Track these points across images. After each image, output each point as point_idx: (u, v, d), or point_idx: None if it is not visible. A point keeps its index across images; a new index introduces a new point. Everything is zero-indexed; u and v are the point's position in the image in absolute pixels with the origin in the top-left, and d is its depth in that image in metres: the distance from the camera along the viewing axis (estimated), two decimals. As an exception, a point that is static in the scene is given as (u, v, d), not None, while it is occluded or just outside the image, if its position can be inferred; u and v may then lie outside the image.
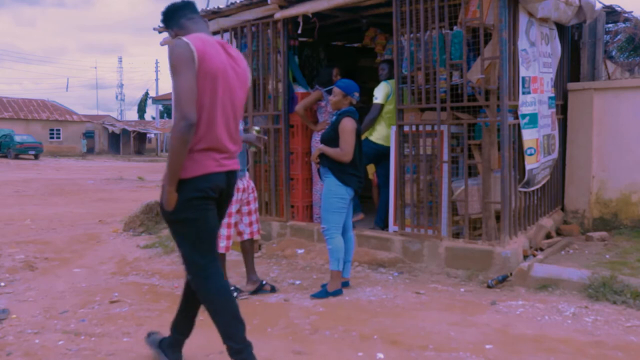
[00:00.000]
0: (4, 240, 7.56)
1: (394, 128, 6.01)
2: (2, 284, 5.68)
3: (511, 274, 5.02)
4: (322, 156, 4.87)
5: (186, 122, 2.76)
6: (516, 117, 5.47)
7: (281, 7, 6.43)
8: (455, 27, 5.46)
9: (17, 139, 38.02)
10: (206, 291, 3.04)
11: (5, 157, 36.42)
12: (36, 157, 38.28)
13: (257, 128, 5.14)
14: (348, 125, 4.75)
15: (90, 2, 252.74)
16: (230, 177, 3.06)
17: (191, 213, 2.92)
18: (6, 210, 9.15)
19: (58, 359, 3.59)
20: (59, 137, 46.85)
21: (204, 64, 2.83)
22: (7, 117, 42.90)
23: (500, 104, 5.21)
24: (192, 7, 3.11)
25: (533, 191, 6.04)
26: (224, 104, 2.96)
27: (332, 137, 4.81)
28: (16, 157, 36.90)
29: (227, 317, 3.04)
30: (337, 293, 4.83)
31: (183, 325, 3.35)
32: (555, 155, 6.61)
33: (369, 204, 7.18)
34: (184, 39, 2.84)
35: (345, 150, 4.74)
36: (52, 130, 46.91)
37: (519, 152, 5.59)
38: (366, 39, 7.72)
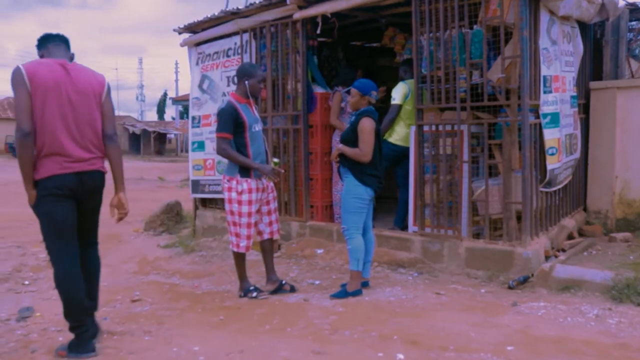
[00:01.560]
0: (28, 239, 7.66)
1: (413, 128, 5.98)
2: (27, 282, 5.77)
3: (532, 275, 4.97)
4: (342, 156, 4.87)
5: (21, 132, 3.35)
6: (537, 117, 5.42)
7: (300, 8, 6.44)
8: (475, 26, 5.41)
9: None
10: (55, 273, 3.55)
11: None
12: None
13: (276, 160, 5.14)
14: (367, 126, 4.74)
15: (112, 3, 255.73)
16: (83, 177, 3.53)
17: (43, 207, 3.49)
18: (26, 210, 9.25)
19: (81, 357, 3.62)
20: (80, 138, 47.32)
21: (34, 81, 3.36)
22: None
23: (521, 103, 5.16)
24: (59, 37, 3.71)
25: (555, 191, 5.97)
26: (64, 114, 3.46)
27: (351, 138, 4.80)
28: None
29: (69, 300, 3.53)
30: (356, 293, 4.83)
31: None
32: (577, 155, 6.53)
33: (391, 204, 7.16)
34: (19, 65, 3.43)
35: (364, 151, 4.73)
36: (73, 131, 47.39)
37: (541, 152, 5.53)
38: (385, 38, 7.69)
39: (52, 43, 3.67)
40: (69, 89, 3.49)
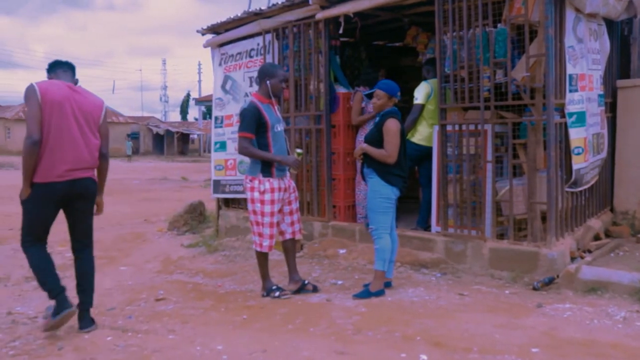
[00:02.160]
0: (55, 238, 7.73)
1: (436, 128, 5.95)
2: (53, 281, 5.85)
3: (558, 276, 4.90)
4: (367, 157, 4.86)
5: (31, 139, 3.79)
6: (563, 116, 5.35)
7: (322, 8, 6.45)
8: (499, 25, 5.36)
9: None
10: (28, 259, 4.06)
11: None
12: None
13: (299, 151, 5.12)
14: (393, 127, 4.74)
15: (138, 5, 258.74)
16: (76, 183, 3.98)
17: (30, 206, 3.94)
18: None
19: (106, 354, 3.68)
20: (105, 138, 48.01)
21: (45, 97, 3.83)
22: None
23: (546, 102, 5.09)
24: (67, 65, 4.23)
25: (581, 191, 5.89)
26: (68, 129, 3.91)
27: (376, 138, 4.79)
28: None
29: (44, 274, 4.04)
30: (379, 293, 4.81)
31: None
32: (604, 154, 6.43)
33: (413, 204, 7.13)
34: (32, 82, 3.92)
35: (390, 152, 4.72)
36: (99, 131, 48.10)
37: (566, 152, 5.46)
38: (408, 38, 7.66)
39: (61, 69, 4.17)
40: (74, 107, 3.97)
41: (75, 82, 4.18)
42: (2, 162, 25.09)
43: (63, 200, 3.98)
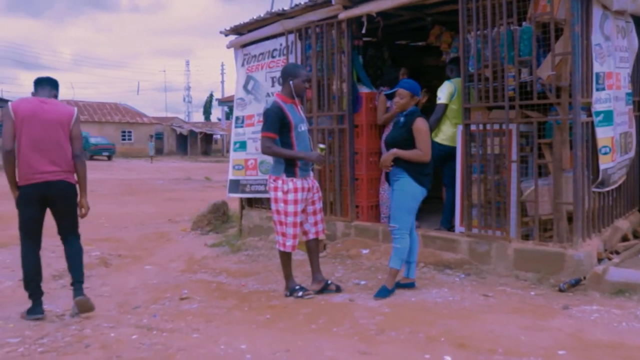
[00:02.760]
0: (81, 237, 7.89)
1: (460, 127, 5.90)
2: (80, 279, 5.94)
3: (585, 278, 4.83)
4: (396, 158, 4.85)
5: (4, 150, 4.42)
6: (589, 115, 5.27)
7: (345, 8, 6.44)
8: (524, 23, 5.30)
9: (92, 141, 39.82)
10: (21, 255, 4.59)
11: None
12: (109, 158, 39.93)
13: (322, 146, 5.12)
14: (423, 126, 4.76)
15: (162, 6, 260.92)
16: (51, 185, 4.48)
17: (19, 206, 4.54)
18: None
19: (132, 352, 3.72)
20: (130, 139, 48.68)
21: (17, 113, 4.44)
22: (82, 120, 44.62)
23: (573, 101, 5.02)
24: (46, 81, 4.79)
25: (608, 191, 5.80)
26: (35, 138, 4.44)
27: (405, 138, 4.78)
28: (91, 158, 38.58)
29: (26, 275, 4.56)
30: (392, 291, 4.85)
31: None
32: (632, 154, 6.32)
33: (436, 205, 7.08)
34: (9, 103, 4.31)
35: (424, 151, 4.74)
36: (123, 132, 48.81)
37: (593, 151, 5.37)
38: (431, 37, 7.61)
39: (40, 86, 4.74)
40: (42, 118, 4.48)
41: (55, 95, 4.76)
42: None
43: (44, 200, 4.52)
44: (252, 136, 7.65)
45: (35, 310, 4.52)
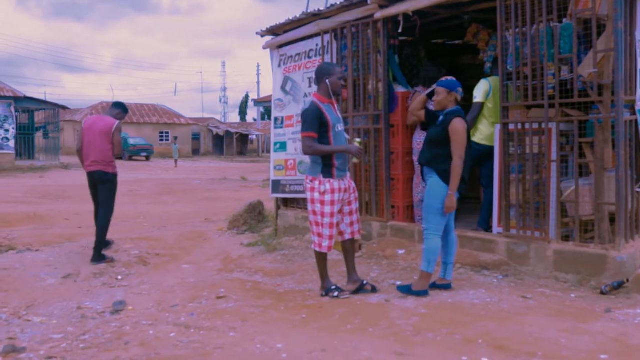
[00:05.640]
0: (120, 236, 8.07)
1: (498, 127, 5.82)
2: (120, 277, 6.08)
3: (627, 280, 4.70)
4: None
5: (76, 149, 7.10)
6: (633, 113, 5.14)
7: (381, 7, 6.41)
8: (564, 20, 5.20)
9: (131, 141, 40.64)
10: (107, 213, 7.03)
11: (120, 158, 38.75)
12: (147, 158, 40.67)
13: (358, 140, 5.11)
14: (460, 127, 4.69)
15: (202, 8, 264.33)
16: (93, 174, 6.84)
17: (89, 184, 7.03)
18: (122, 209, 9.81)
19: (170, 350, 3.78)
20: (167, 140, 49.44)
21: (83, 126, 6.92)
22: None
23: (615, 99, 4.90)
24: (115, 105, 7.25)
25: (652, 192, 5.64)
26: (89, 142, 6.81)
27: (441, 138, 4.74)
28: (130, 158, 39.38)
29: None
30: (420, 294, 4.77)
31: None
32: (677, 153, 6.12)
33: (474, 205, 7.00)
34: (84, 119, 7.22)
35: (458, 153, 4.68)
36: (161, 132, 49.65)
37: (637, 150, 5.23)
38: (468, 35, 7.50)
39: (111, 106, 7.24)
40: (94, 130, 6.82)
41: (117, 113, 7.06)
42: (73, 163, 26.13)
43: (92, 181, 6.89)
44: (292, 137, 7.69)
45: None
